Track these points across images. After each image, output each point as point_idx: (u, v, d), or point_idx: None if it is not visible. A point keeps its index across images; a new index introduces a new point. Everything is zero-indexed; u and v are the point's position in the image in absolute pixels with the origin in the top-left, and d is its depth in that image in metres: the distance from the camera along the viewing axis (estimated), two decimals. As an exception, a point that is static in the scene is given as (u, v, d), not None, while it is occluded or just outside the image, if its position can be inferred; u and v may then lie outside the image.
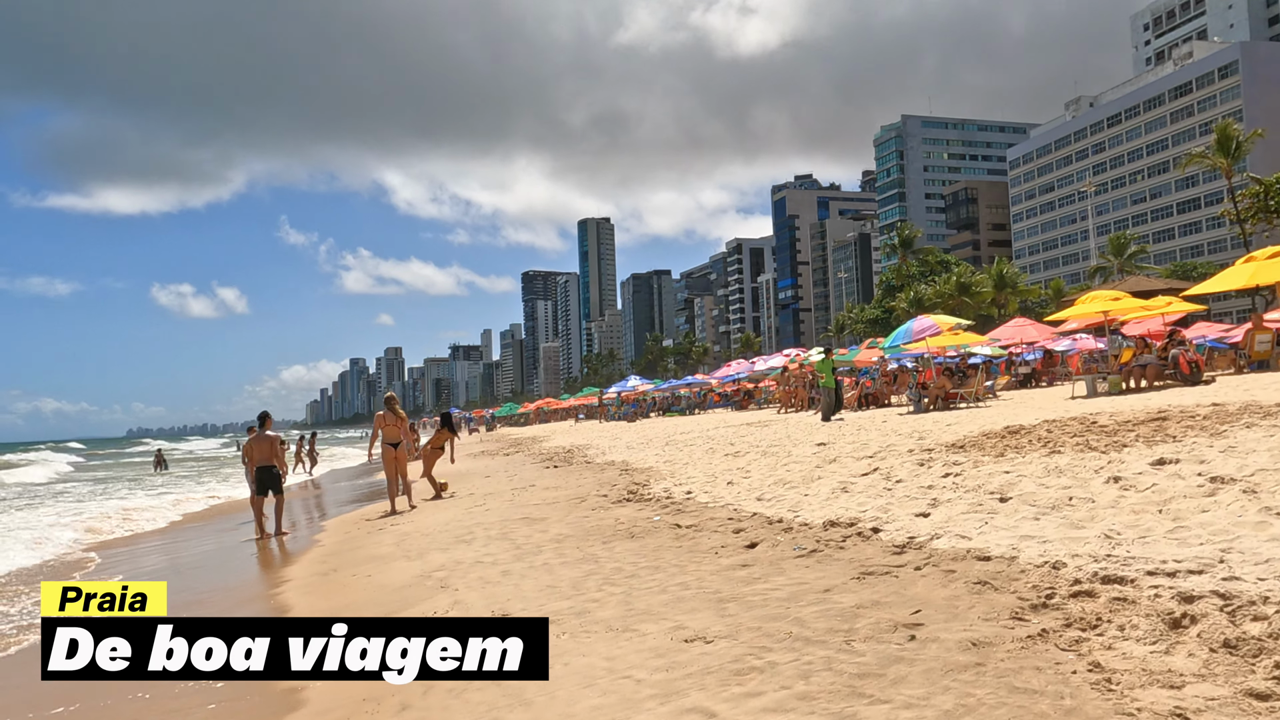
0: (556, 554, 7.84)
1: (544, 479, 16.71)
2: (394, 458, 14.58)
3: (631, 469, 15.88)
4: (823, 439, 14.99)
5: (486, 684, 4.34)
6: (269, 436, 14.03)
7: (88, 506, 21.56)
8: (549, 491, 13.58)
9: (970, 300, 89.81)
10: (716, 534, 7.89)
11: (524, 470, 20.59)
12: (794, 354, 39.64)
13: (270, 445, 13.93)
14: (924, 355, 29.39)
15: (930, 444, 11.54)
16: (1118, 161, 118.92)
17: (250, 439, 15.23)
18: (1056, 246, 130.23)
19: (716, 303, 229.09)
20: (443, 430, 17.45)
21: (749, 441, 17.96)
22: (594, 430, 42.15)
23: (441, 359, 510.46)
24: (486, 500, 13.74)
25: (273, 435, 14.12)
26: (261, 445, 13.94)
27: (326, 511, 17.53)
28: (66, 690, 5.19)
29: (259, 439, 14.01)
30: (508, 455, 29.15)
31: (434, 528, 10.84)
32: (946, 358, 25.03)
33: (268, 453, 13.90)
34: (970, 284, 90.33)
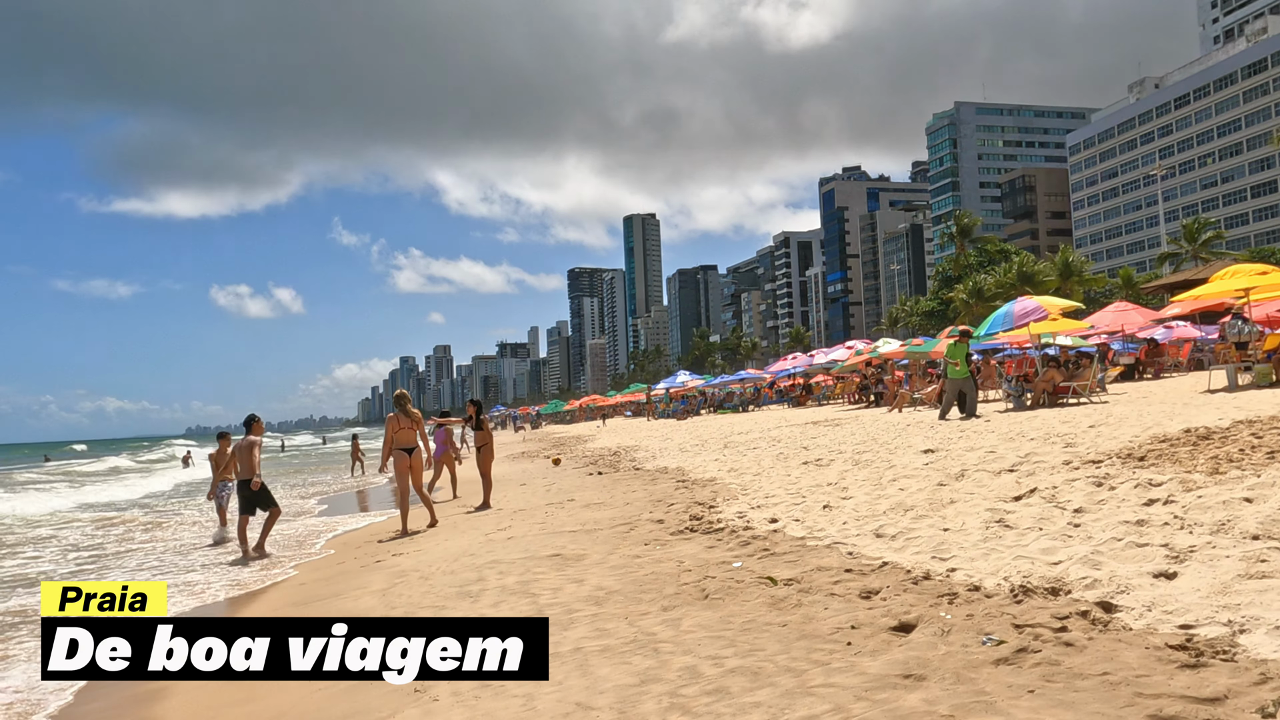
0: (594, 629, 5.24)
1: (585, 490, 14.15)
2: (407, 467, 12.13)
3: (690, 480, 13.24)
4: (926, 444, 12.24)
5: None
6: (249, 443, 11.64)
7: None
8: (590, 510, 10.99)
9: (1033, 290, 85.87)
10: (836, 599, 5.24)
11: (563, 478, 18.05)
12: (858, 345, 36.72)
13: (249, 454, 11.55)
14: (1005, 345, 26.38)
15: (1087, 453, 8.76)
16: (1186, 144, 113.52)
17: (223, 447, 12.88)
18: (1120, 234, 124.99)
19: (764, 297, 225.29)
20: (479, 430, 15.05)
21: (826, 445, 15.24)
22: (642, 429, 39.52)
23: (489, 356, 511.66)
24: (513, 521, 11.19)
25: (254, 440, 11.73)
26: (241, 454, 11.56)
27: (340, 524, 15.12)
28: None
29: (240, 447, 11.63)
30: (548, 458, 26.67)
31: (439, 565, 8.30)
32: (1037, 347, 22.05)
33: (249, 464, 11.53)
34: (1033, 273, 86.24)
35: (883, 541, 6.60)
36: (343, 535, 13.28)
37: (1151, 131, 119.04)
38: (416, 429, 12.25)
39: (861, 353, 31.92)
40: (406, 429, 12.13)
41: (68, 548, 13.87)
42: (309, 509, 18.41)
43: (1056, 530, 5.99)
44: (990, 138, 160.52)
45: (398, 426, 12.10)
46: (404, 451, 12.10)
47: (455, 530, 11.31)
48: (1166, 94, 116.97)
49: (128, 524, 17.47)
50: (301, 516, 16.75)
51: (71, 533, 16.27)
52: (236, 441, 11.78)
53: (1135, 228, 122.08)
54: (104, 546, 13.78)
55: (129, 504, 23.57)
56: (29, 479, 40.20)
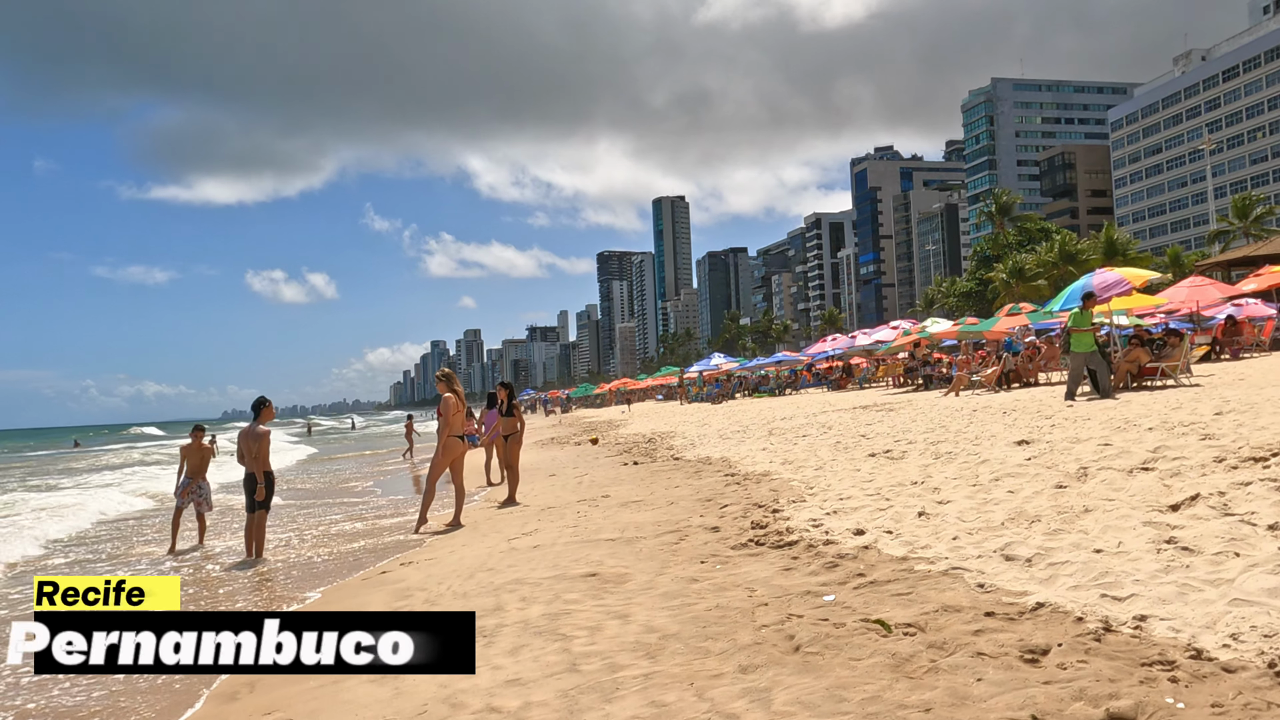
0: (649, 703, 3.76)
1: (621, 484, 12.70)
2: (464, 456, 10.88)
3: (740, 473, 11.74)
4: (1012, 433, 10.65)
5: None
6: (260, 432, 10.22)
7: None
8: (629, 511, 9.53)
9: (1075, 270, 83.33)
10: (988, 663, 3.73)
11: (596, 468, 16.63)
12: (904, 325, 34.93)
13: (261, 444, 10.12)
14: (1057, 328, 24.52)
15: (1238, 447, 7.17)
16: (1234, 118, 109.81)
17: (196, 441, 11.50)
18: (1165, 212, 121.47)
19: (795, 280, 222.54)
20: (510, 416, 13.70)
21: (888, 434, 13.68)
22: (675, 413, 38.04)
23: (519, 340, 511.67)
24: (540, 522, 9.76)
25: (264, 430, 10.30)
26: (249, 444, 10.15)
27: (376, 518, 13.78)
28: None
29: (250, 435, 10.17)
30: (579, 445, 25.27)
31: (451, 583, 6.88)
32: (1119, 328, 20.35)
33: (263, 455, 10.13)
34: (1076, 252, 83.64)
35: (1018, 567, 5.07)
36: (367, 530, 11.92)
37: (1198, 105, 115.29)
38: (463, 415, 10.94)
39: (910, 333, 30.18)
40: (459, 413, 10.81)
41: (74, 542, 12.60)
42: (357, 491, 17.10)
43: (1265, 557, 4.45)
44: (1028, 114, 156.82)
45: (459, 408, 10.75)
46: (459, 439, 10.76)
47: (475, 533, 9.89)
48: (1214, 66, 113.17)
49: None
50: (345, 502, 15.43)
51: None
52: (244, 429, 10.37)
53: (1180, 205, 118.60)
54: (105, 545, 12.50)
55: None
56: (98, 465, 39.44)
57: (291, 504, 16.07)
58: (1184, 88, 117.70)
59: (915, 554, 5.71)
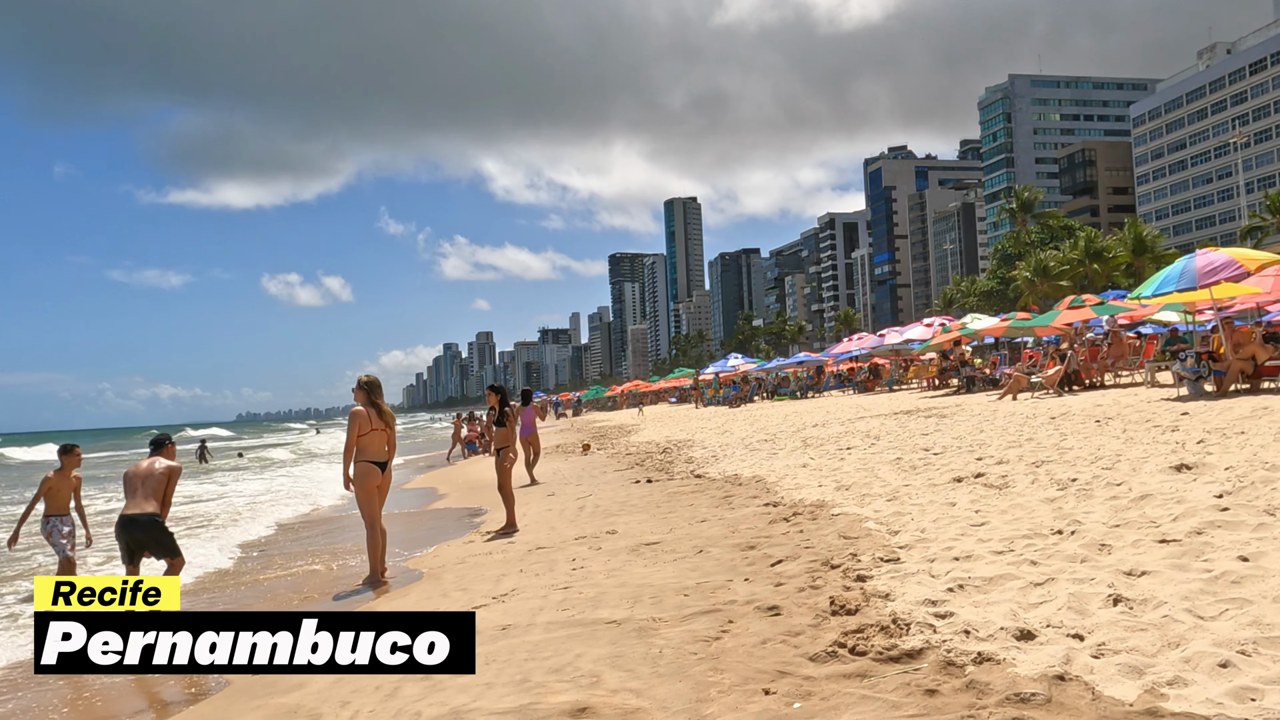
0: None
1: (631, 512, 10.16)
2: (375, 489, 8.24)
3: (782, 500, 9.15)
4: (1138, 450, 8.07)
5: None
6: (165, 471, 7.75)
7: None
8: (641, 561, 6.97)
9: (1101, 268, 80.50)
10: None
11: (603, 485, 14.10)
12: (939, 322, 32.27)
13: (164, 484, 7.66)
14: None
15: None
16: (1263, 112, 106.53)
17: (67, 468, 8.93)
18: (1190, 208, 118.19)
19: (808, 280, 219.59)
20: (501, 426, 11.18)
21: (956, 446, 11.11)
22: (690, 418, 35.42)
23: (531, 343, 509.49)
24: (524, 571, 7.21)
25: (172, 468, 7.83)
26: (148, 483, 7.66)
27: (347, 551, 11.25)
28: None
29: (146, 475, 7.69)
30: (584, 455, 22.74)
31: (357, 712, 4.34)
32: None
33: (157, 485, 7.67)
34: (1102, 249, 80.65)
35: None
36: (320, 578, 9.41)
37: (1224, 99, 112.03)
38: (389, 434, 8.35)
39: (950, 329, 27.48)
40: (379, 431, 8.23)
41: None
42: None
43: None
44: (1046, 111, 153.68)
45: (368, 426, 8.21)
46: (374, 465, 8.21)
47: (434, 588, 7.35)
48: (1240, 59, 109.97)
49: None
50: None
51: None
52: (143, 464, 7.83)
53: (1206, 201, 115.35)
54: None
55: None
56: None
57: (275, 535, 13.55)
58: (1209, 81, 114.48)
59: (1161, 700, 3.14)
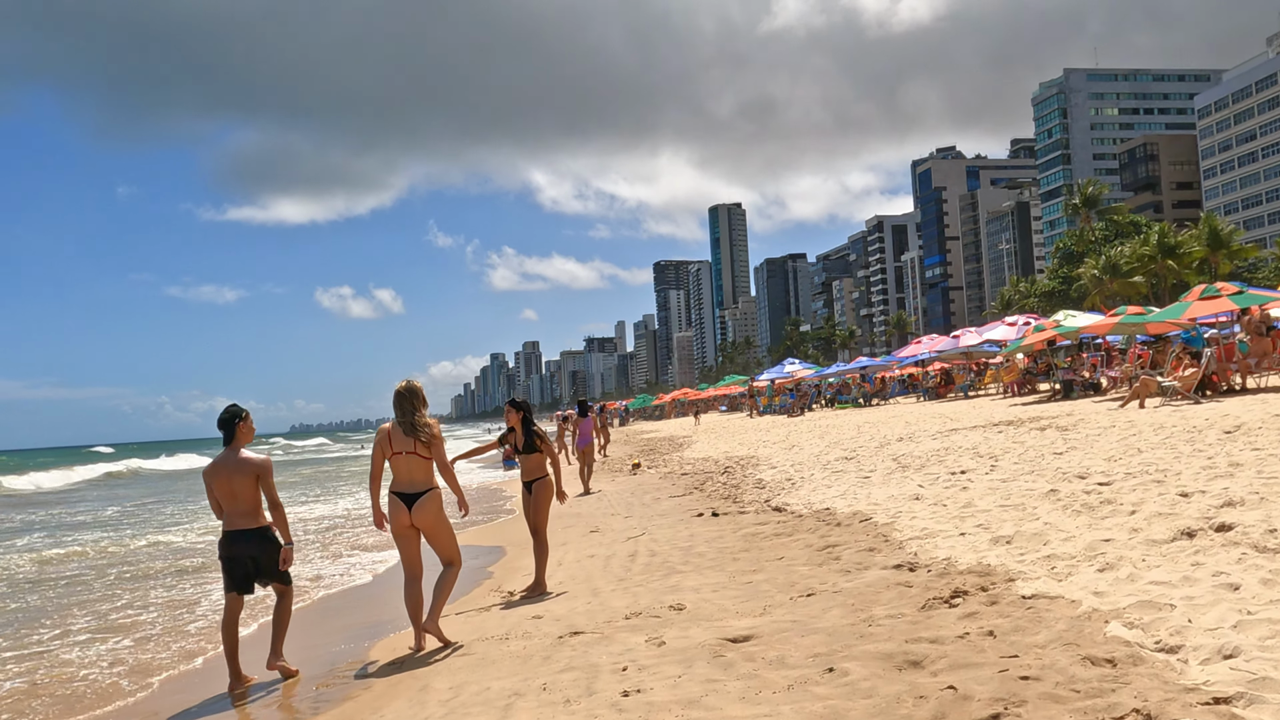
0: None
1: (700, 570, 7.70)
2: (409, 527, 6.06)
3: (918, 561, 6.63)
4: None
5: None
6: (243, 462, 5.93)
7: None
8: (732, 682, 4.50)
9: (1175, 264, 76.31)
10: None
11: (657, 518, 11.67)
12: (1025, 320, 29.42)
13: (248, 479, 5.80)
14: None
15: None
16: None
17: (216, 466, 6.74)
18: (1261, 202, 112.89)
19: (856, 285, 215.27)
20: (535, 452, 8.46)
21: (1127, 473, 8.52)
22: (747, 428, 32.83)
23: (577, 351, 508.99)
24: (544, 691, 4.79)
25: (250, 460, 5.95)
26: (220, 480, 5.90)
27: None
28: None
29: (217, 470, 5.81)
30: (633, 475, 20.31)
31: None
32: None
33: (243, 496, 5.74)
34: (1175, 245, 76.51)
35: None
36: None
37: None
38: (436, 451, 6.09)
39: (1044, 328, 24.61)
40: (406, 455, 6.00)
41: None
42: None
43: None
44: (1103, 105, 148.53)
45: (390, 450, 5.98)
46: (401, 500, 5.97)
47: (446, 679, 4.98)
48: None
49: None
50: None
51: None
52: (216, 461, 5.86)
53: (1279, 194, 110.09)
54: None
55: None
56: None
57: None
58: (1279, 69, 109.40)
59: None
